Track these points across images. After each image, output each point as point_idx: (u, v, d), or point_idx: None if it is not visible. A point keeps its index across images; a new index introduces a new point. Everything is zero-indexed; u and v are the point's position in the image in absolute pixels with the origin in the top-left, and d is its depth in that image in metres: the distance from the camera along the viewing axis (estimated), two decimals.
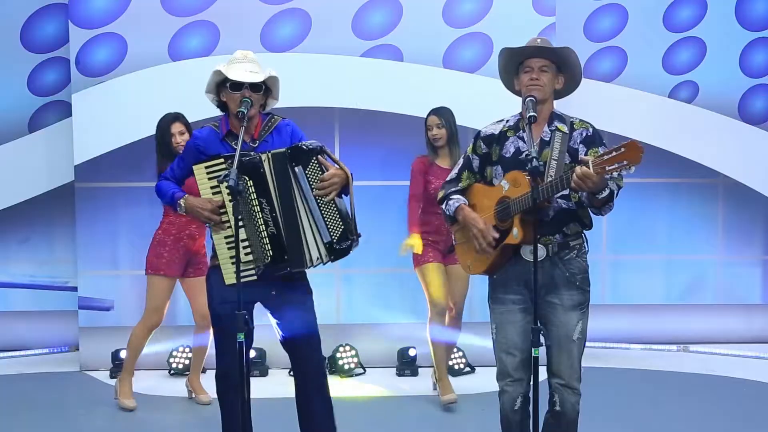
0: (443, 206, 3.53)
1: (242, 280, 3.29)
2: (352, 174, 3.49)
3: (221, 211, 3.41)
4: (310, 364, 3.59)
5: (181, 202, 3.50)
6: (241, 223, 3.31)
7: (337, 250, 3.44)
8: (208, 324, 4.73)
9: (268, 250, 3.38)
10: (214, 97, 3.55)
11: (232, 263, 3.34)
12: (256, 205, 3.37)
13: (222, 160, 3.38)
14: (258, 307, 3.57)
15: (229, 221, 3.39)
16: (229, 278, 3.37)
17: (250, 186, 3.36)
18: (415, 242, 5.05)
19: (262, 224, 3.38)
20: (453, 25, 6.00)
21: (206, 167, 3.40)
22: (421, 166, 5.15)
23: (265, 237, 3.38)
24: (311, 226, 3.43)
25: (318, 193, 3.41)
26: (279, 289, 3.50)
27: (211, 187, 3.41)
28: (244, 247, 3.37)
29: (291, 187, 3.41)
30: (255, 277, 3.38)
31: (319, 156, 3.43)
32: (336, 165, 3.48)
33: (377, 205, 5.94)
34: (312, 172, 3.41)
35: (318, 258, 3.46)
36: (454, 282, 5.13)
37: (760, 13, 6.61)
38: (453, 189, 3.53)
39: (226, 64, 3.49)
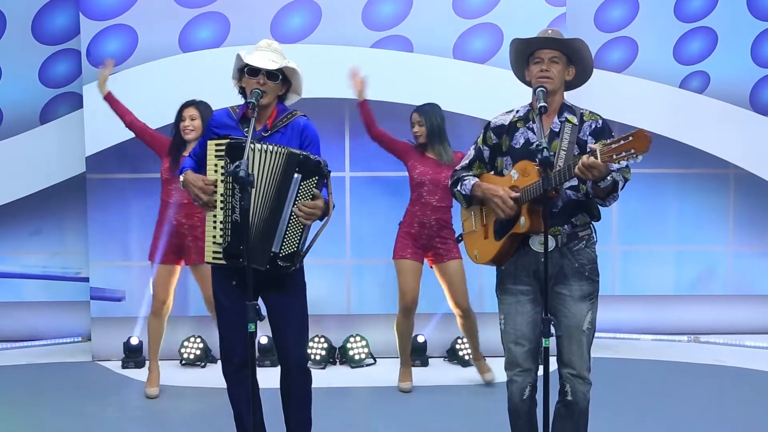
0: (458, 188, 3.48)
1: (213, 262, 3.40)
2: (334, 208, 3.49)
3: (214, 189, 3.38)
4: (293, 357, 3.57)
5: (182, 176, 3.50)
6: (222, 205, 3.34)
7: (276, 265, 3.39)
8: None
9: (228, 235, 3.36)
10: (237, 83, 3.52)
11: (212, 243, 3.39)
12: (230, 188, 3.35)
13: (228, 141, 3.36)
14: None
15: (215, 201, 3.38)
16: (207, 256, 3.43)
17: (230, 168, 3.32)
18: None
19: (230, 209, 3.36)
20: (463, 15, 5.99)
21: (216, 145, 3.39)
22: (406, 146, 5.28)
23: (229, 222, 3.36)
24: (270, 231, 3.38)
25: (296, 211, 3.36)
26: (270, 282, 3.46)
27: (214, 165, 3.39)
28: (221, 229, 3.38)
29: (287, 188, 3.36)
30: (224, 261, 3.38)
31: (323, 179, 3.41)
32: (327, 195, 3.45)
33: (387, 195, 5.95)
34: (305, 186, 3.37)
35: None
36: (451, 281, 5.19)
37: None
38: (465, 174, 3.50)
39: (249, 52, 3.47)
